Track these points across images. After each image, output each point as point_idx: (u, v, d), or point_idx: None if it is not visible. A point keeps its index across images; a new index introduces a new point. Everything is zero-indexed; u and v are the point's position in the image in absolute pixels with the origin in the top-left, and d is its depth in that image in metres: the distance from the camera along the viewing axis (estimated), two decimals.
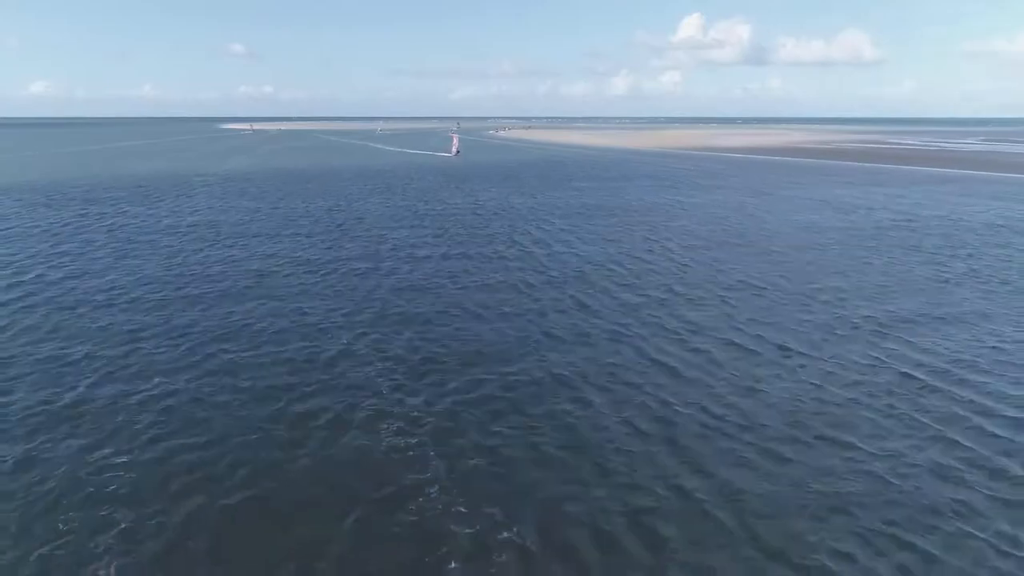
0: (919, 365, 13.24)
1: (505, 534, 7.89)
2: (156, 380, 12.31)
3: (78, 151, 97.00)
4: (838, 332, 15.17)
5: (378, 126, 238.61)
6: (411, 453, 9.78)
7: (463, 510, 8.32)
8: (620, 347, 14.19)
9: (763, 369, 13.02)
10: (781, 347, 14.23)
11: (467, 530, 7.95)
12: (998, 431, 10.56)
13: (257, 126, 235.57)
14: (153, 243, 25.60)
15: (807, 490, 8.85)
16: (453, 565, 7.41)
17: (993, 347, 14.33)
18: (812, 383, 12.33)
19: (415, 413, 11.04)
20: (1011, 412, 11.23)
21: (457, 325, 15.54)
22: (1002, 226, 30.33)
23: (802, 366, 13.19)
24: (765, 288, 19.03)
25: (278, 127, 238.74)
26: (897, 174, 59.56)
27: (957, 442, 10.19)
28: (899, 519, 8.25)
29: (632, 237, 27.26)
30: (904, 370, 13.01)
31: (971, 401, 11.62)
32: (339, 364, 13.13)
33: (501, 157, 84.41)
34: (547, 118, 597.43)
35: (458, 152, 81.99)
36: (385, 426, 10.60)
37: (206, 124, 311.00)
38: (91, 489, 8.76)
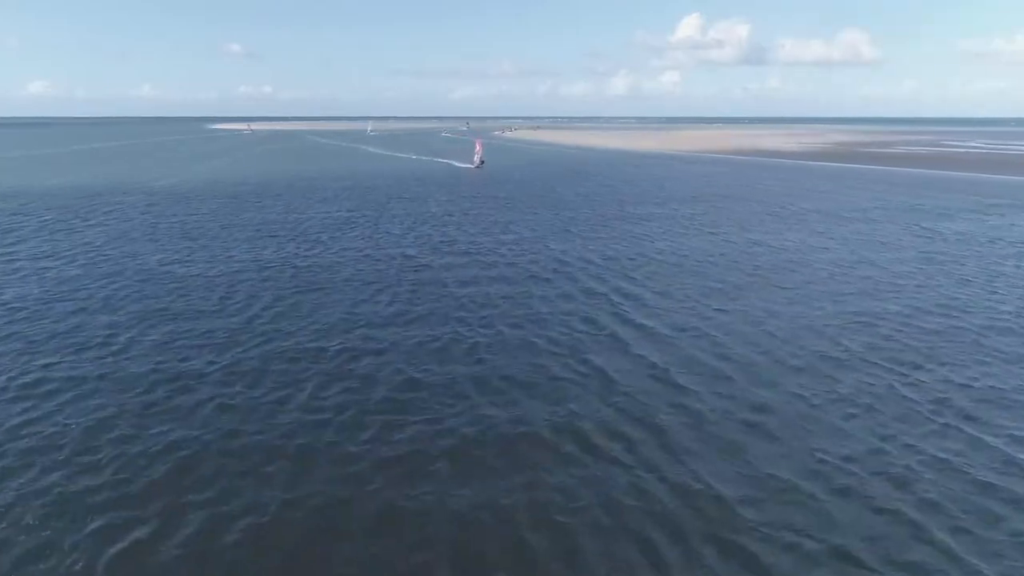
0: None
1: None
2: None
3: (32, 155, 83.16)
4: None
5: (368, 126, 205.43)
6: None
7: None
8: None
9: None
10: None
11: None
12: None
13: (255, 126, 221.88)
14: None
15: None
16: None
17: None
18: None
19: None
20: None
21: None
22: None
23: None
24: None
25: (269, 127, 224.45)
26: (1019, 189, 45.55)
27: None
28: None
29: (854, 368, 13.28)
30: None
31: None
32: None
33: (517, 163, 70.40)
34: (550, 118, 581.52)
35: (483, 163, 62.27)
36: None
37: (197, 124, 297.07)
38: None
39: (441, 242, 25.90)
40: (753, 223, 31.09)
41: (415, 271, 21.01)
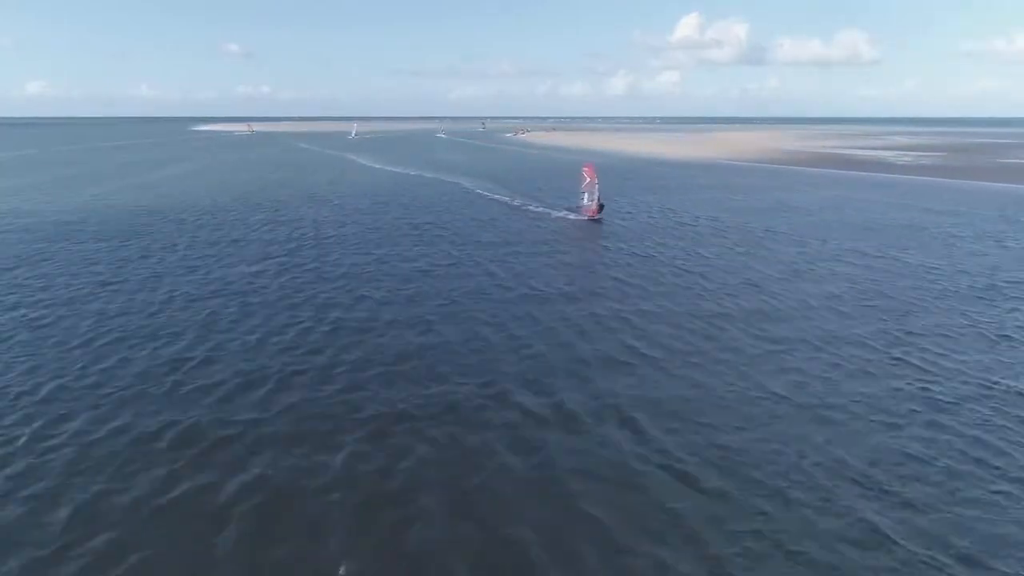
0: None
1: None
2: None
3: None
4: None
5: (352, 128, 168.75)
6: None
7: None
8: None
9: None
10: None
11: None
12: None
13: (256, 126, 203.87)
14: None
15: None
16: None
17: None
18: None
19: None
20: None
21: None
22: None
23: None
24: None
25: (253, 128, 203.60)
26: None
27: None
28: None
29: None
30: None
31: None
32: None
33: (565, 184, 49.33)
34: (552, 118, 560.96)
35: (601, 208, 35.70)
36: None
37: (181, 125, 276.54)
38: None
39: None
40: None
41: None
